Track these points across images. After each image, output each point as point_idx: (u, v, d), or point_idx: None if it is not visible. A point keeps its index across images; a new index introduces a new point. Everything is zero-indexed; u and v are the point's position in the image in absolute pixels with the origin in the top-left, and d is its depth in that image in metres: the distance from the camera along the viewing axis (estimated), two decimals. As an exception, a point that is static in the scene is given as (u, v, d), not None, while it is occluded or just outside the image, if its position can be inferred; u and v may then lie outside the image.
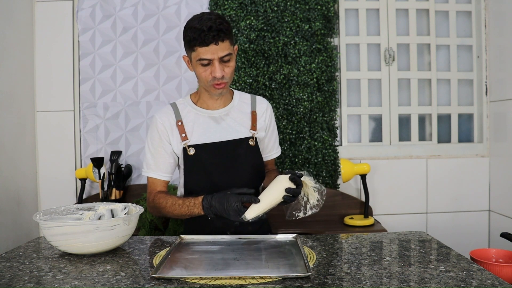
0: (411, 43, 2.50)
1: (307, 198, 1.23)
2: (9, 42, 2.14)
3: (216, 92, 1.35)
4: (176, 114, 1.40)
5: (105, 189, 2.26)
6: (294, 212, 1.23)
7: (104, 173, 2.25)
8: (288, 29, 2.33)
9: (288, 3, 2.33)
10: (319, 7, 2.34)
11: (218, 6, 2.32)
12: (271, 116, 1.51)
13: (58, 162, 2.37)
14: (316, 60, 2.34)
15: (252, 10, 2.32)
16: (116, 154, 2.34)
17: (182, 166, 1.43)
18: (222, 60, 1.28)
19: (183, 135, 1.38)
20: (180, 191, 1.47)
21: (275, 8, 2.33)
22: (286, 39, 2.32)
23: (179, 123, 1.39)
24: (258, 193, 1.49)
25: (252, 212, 1.16)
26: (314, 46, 2.35)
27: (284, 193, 1.17)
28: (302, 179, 1.20)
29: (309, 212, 1.21)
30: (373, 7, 2.49)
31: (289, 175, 1.19)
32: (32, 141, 2.35)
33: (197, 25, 1.24)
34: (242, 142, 1.40)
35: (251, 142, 1.42)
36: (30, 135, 2.32)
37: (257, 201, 1.16)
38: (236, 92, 1.49)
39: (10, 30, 2.15)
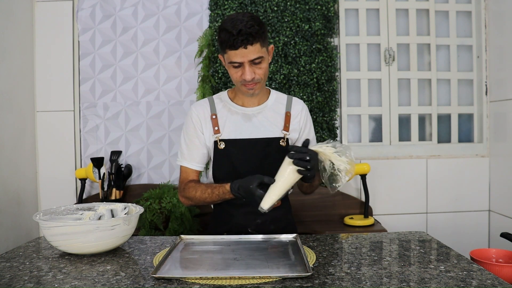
0: (411, 43, 2.50)
1: (336, 167, 1.14)
2: (9, 42, 2.14)
3: (248, 93, 1.36)
4: (212, 108, 1.43)
5: (105, 189, 2.26)
6: (334, 184, 1.16)
7: (104, 173, 2.25)
8: (288, 29, 2.33)
9: (288, 3, 2.33)
10: (319, 7, 2.34)
11: (218, 6, 2.32)
12: (306, 118, 1.48)
13: (58, 162, 2.37)
14: (316, 60, 2.34)
15: (252, 10, 2.32)
16: (116, 154, 2.34)
17: (212, 159, 1.46)
18: (253, 63, 1.29)
19: (216, 128, 1.40)
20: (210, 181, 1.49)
21: (275, 8, 2.33)
22: (286, 39, 2.32)
23: (213, 117, 1.41)
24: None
25: (267, 201, 1.13)
26: (314, 46, 2.35)
27: (296, 168, 1.12)
28: (321, 150, 1.15)
29: (346, 178, 1.13)
30: (373, 7, 2.49)
31: (292, 151, 1.14)
32: (32, 141, 2.35)
33: (228, 27, 1.24)
34: (272, 142, 1.40)
35: (282, 143, 1.41)
36: (30, 135, 2.32)
37: (273, 181, 1.14)
38: (273, 91, 1.49)
39: (10, 30, 2.15)
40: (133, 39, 2.39)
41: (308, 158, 1.11)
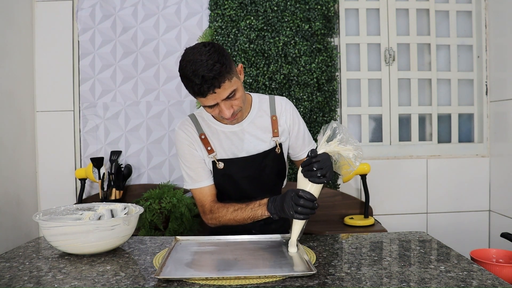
0: (411, 43, 2.50)
1: (345, 157, 1.14)
2: (9, 42, 2.13)
3: (232, 124, 1.34)
4: (197, 127, 1.38)
5: (105, 189, 2.26)
6: (346, 170, 1.16)
7: (104, 173, 2.25)
8: (288, 29, 2.33)
9: (288, 3, 2.33)
10: (319, 7, 2.34)
11: (218, 6, 2.32)
12: (292, 114, 1.42)
13: (58, 162, 2.37)
14: (316, 60, 2.34)
15: (252, 10, 2.32)
16: (116, 154, 2.34)
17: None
18: (227, 98, 1.20)
19: (209, 148, 1.37)
20: None
21: (275, 8, 2.32)
22: (286, 39, 2.32)
23: (202, 136, 1.37)
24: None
25: (293, 238, 1.13)
26: (314, 46, 2.34)
27: (312, 183, 1.11)
28: (328, 148, 1.13)
29: (357, 164, 1.14)
30: (373, 7, 2.49)
31: (303, 167, 1.13)
32: (32, 141, 2.35)
33: (189, 74, 1.15)
34: (269, 153, 1.39)
35: (277, 150, 1.39)
36: (30, 135, 2.32)
37: (311, 196, 1.11)
38: (255, 97, 1.43)
39: (10, 30, 2.15)
40: (133, 39, 2.38)
41: (319, 174, 1.10)
